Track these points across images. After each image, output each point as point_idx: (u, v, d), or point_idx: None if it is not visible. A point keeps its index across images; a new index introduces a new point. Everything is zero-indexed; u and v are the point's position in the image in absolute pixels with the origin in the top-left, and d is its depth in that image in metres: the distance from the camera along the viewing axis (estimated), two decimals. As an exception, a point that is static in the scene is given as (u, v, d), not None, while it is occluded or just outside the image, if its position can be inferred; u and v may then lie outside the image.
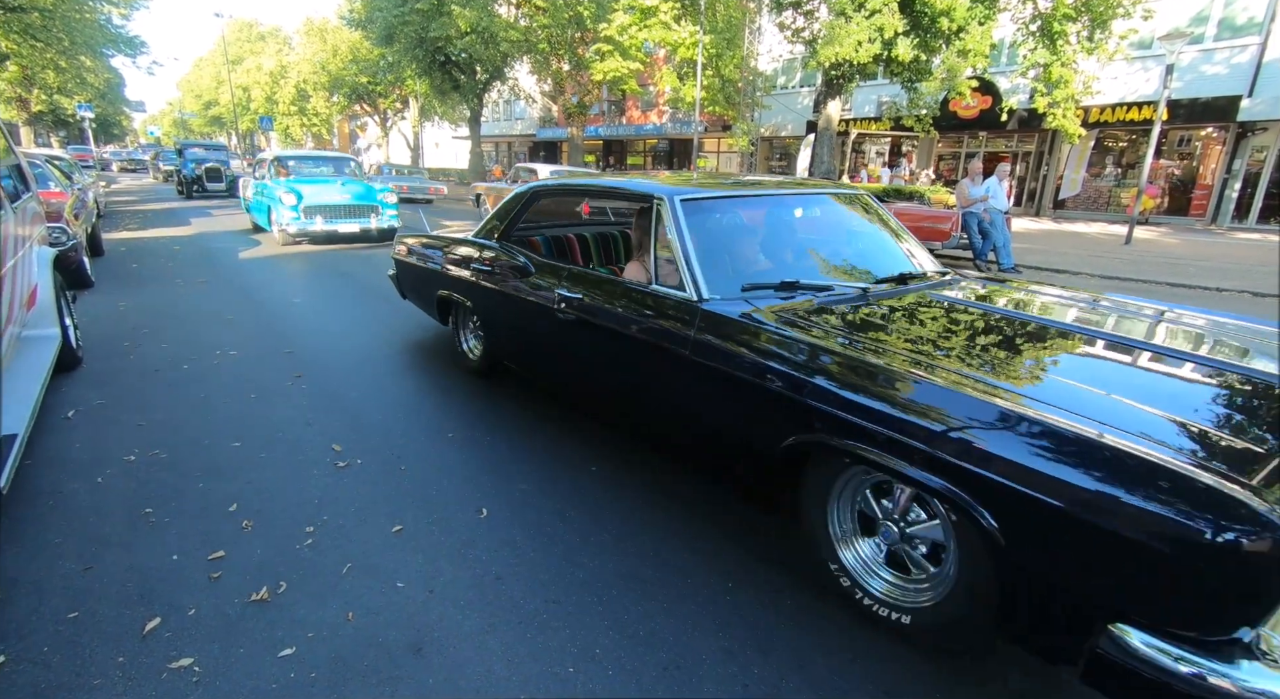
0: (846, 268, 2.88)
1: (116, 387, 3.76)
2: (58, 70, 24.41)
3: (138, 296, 6.13)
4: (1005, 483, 1.43)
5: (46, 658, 1.73)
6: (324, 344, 4.75)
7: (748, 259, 2.71)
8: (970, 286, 2.78)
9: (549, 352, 3.23)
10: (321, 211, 9.33)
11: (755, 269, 2.64)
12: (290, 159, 10.72)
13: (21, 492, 2.54)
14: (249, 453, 2.97)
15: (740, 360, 2.06)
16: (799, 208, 3.07)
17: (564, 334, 2.93)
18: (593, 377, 2.94)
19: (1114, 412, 1.51)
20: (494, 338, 3.69)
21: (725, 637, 1.88)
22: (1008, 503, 1.44)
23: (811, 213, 3.08)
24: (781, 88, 24.09)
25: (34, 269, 3.77)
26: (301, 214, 9.13)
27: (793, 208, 3.06)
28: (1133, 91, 16.67)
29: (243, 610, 1.94)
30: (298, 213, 9.11)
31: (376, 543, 2.30)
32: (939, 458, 1.55)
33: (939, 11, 12.13)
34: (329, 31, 35.67)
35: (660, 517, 2.50)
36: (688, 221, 2.47)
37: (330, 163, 11.02)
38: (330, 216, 9.42)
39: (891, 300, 2.46)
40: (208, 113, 55.71)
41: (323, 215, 9.32)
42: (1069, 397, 1.59)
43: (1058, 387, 1.74)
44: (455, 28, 20.31)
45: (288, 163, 10.55)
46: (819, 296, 2.37)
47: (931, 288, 2.65)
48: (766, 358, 2.00)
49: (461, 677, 1.71)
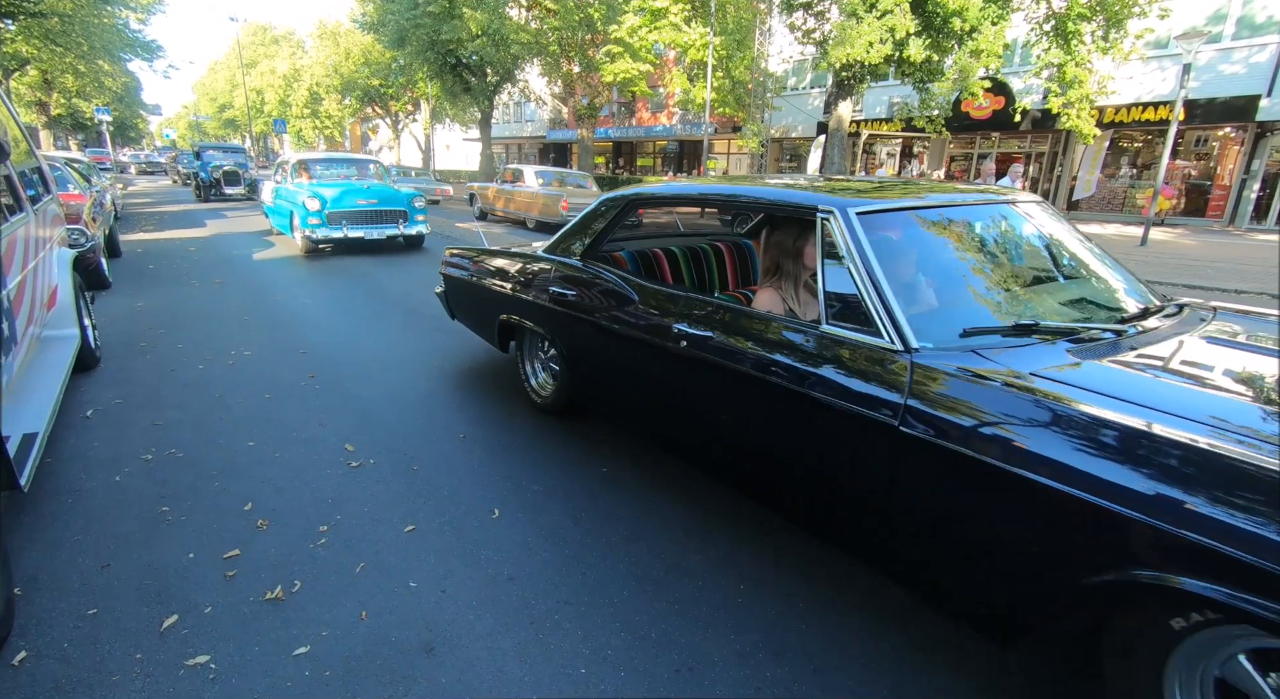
0: (1073, 300, 2.16)
1: (134, 386, 3.81)
2: (76, 74, 24.82)
3: (154, 297, 6.20)
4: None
5: (67, 654, 1.75)
6: (336, 345, 4.79)
7: (951, 291, 2.03)
8: (1228, 323, 2.08)
9: (661, 399, 2.57)
10: (347, 217, 8.76)
11: (962, 305, 1.97)
12: (313, 161, 10.13)
13: (43, 489, 2.58)
14: (263, 452, 3.00)
15: (1003, 447, 1.44)
16: (993, 219, 2.37)
17: (686, 380, 2.36)
18: (730, 438, 2.27)
19: None
20: (577, 374, 3.08)
21: (738, 639, 1.87)
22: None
23: (1005, 225, 2.40)
24: (792, 89, 24.04)
25: (54, 270, 3.83)
26: (326, 220, 8.58)
27: (987, 219, 2.37)
28: (1149, 91, 16.48)
29: (258, 609, 1.95)
30: (322, 218, 8.55)
31: (389, 542, 2.31)
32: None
33: (951, 12, 12.07)
34: (341, 35, 35.98)
35: (672, 519, 2.50)
36: (871, 242, 1.88)
37: (354, 165, 10.50)
38: (356, 222, 8.84)
39: (1161, 346, 1.80)
40: (222, 116, 56.37)
41: (348, 221, 8.76)
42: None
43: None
44: (466, 30, 20.43)
45: (311, 165, 9.97)
46: (1065, 344, 1.74)
47: (1189, 326, 1.99)
48: (1057, 449, 1.37)
49: (474, 677, 1.72)
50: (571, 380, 3.16)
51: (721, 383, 2.20)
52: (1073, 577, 1.34)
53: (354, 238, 8.81)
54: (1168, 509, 1.21)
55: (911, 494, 1.66)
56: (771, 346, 2.03)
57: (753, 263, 3.44)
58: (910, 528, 1.69)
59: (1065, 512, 1.34)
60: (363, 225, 8.90)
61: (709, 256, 3.29)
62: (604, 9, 19.52)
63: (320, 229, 8.56)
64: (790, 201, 2.19)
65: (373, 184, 9.57)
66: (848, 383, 1.78)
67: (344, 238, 8.72)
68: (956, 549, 1.61)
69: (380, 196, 9.12)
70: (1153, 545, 1.22)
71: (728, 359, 2.14)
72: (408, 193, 9.53)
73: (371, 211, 9.02)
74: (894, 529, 1.74)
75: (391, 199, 9.22)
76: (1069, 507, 1.32)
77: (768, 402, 2.03)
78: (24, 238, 3.17)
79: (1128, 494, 1.25)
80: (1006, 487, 1.43)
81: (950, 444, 1.53)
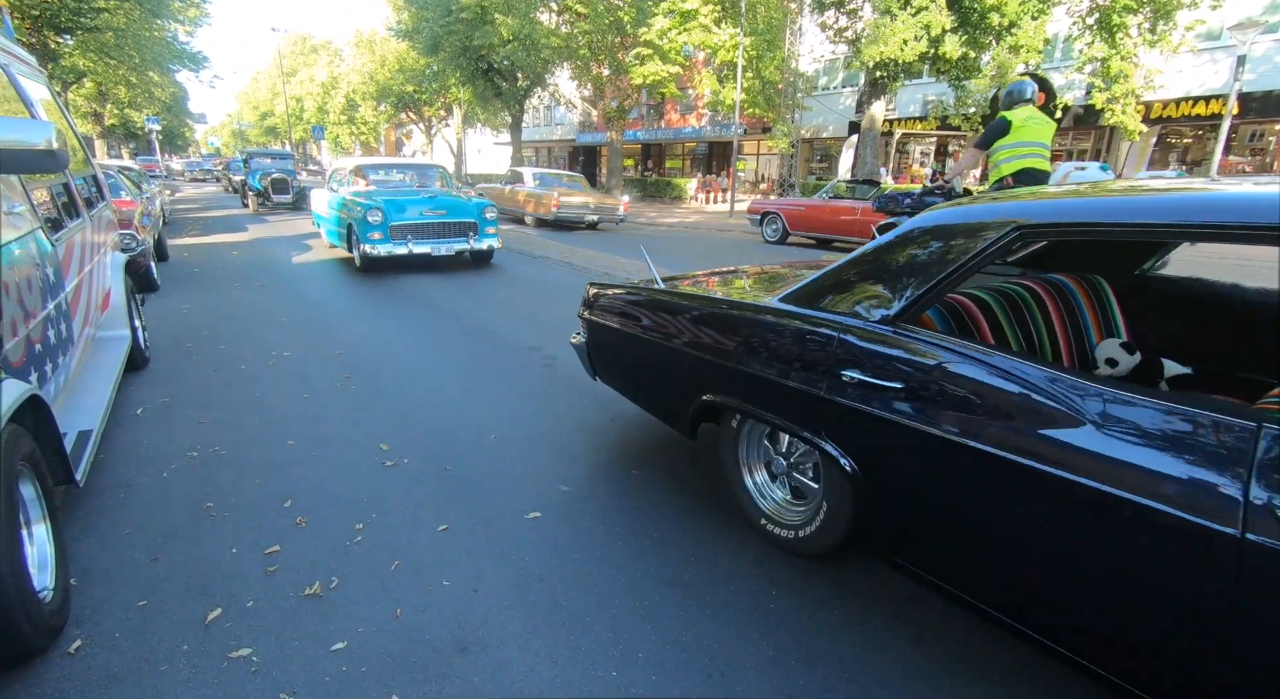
0: None
1: (180, 385, 3.95)
2: (128, 86, 25.95)
3: (199, 299, 6.43)
4: None
5: (118, 643, 1.82)
6: (370, 346, 4.89)
7: None
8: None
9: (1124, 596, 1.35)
10: (411, 230, 7.79)
11: None
12: (371, 167, 9.25)
13: (96, 484, 2.69)
14: (302, 451, 3.07)
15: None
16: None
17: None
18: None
19: None
20: (895, 513, 1.86)
21: (770, 645, 1.85)
22: None
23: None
24: (823, 88, 23.77)
25: (108, 273, 3.99)
26: (388, 233, 7.61)
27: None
28: (1200, 85, 15.84)
29: (297, 604, 2.00)
30: (384, 232, 7.57)
31: (423, 541, 2.34)
32: None
33: (989, 7, 11.79)
34: (378, 43, 36.85)
35: (702, 522, 2.49)
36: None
37: (415, 171, 9.57)
38: (421, 236, 7.86)
39: None
40: (263, 123, 58.25)
41: (413, 234, 7.79)
42: None
43: None
44: (498, 36, 20.72)
45: (368, 172, 9.08)
46: None
47: None
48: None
49: (506, 677, 1.73)
50: (878, 521, 1.91)
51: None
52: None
53: (419, 254, 7.84)
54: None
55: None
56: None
57: (1080, 309, 2.31)
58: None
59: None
60: (428, 239, 7.93)
61: (1028, 303, 2.15)
62: (633, 12, 19.57)
63: (382, 244, 7.59)
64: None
65: (438, 193, 8.60)
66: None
67: (408, 254, 7.75)
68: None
69: (448, 207, 8.10)
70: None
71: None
72: (478, 202, 8.46)
73: (438, 224, 8.03)
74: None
75: (460, 209, 8.20)
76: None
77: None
78: (81, 242, 3.31)
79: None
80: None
81: None
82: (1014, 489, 1.49)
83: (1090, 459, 1.34)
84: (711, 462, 2.84)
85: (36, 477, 1.90)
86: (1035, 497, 1.44)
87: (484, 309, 6.16)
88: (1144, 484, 1.26)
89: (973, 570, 1.68)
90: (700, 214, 20.83)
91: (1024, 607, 1.55)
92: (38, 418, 1.97)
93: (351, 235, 8.03)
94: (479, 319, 5.75)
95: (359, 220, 7.62)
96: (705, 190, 26.77)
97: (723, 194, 25.35)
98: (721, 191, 25.73)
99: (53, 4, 16.15)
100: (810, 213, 11.94)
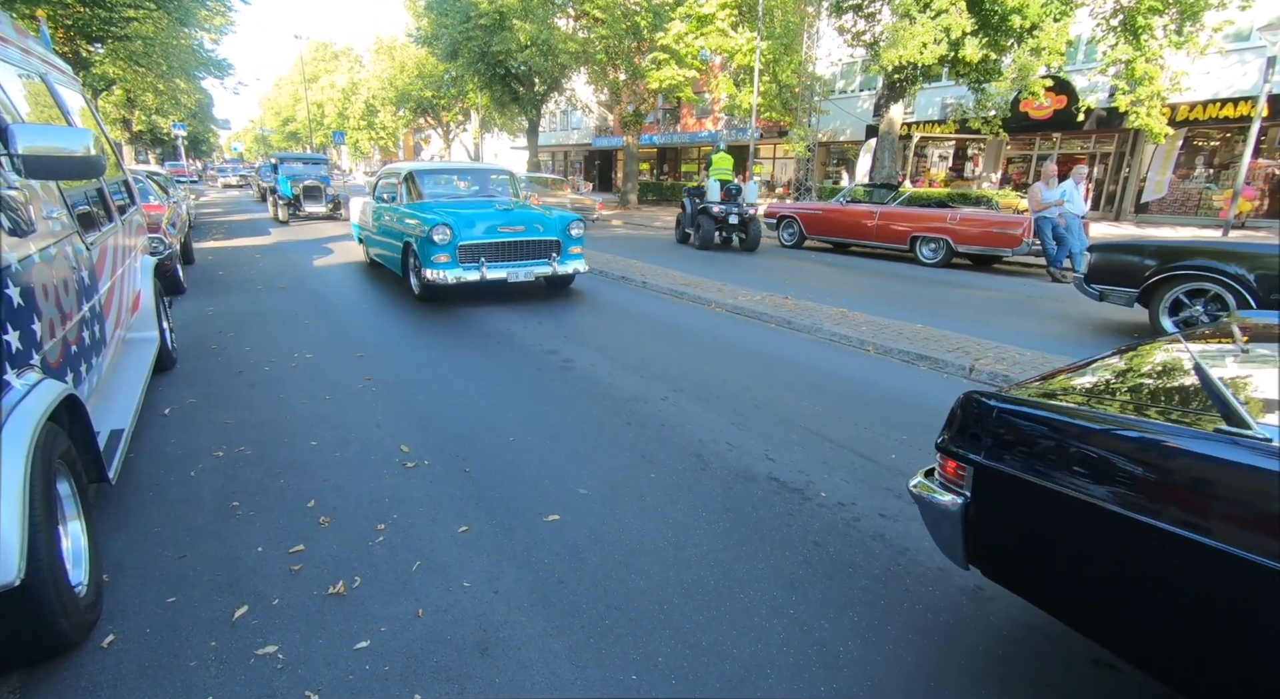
0: None
1: (206, 386, 4.02)
2: (156, 92, 26.55)
3: (224, 302, 6.55)
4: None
5: (149, 639, 1.86)
6: (390, 348, 4.95)
7: None
8: None
9: None
10: (485, 251, 6.27)
11: None
12: (429, 173, 7.65)
13: (126, 483, 2.75)
14: (325, 452, 3.12)
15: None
16: None
17: None
18: None
19: None
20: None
21: (790, 651, 1.84)
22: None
23: None
24: (840, 92, 23.65)
25: (138, 276, 4.09)
26: (457, 256, 6.11)
27: None
28: (1228, 87, 15.53)
29: (321, 602, 2.03)
30: (452, 254, 6.08)
31: (443, 542, 2.37)
32: None
33: (1010, 9, 11.67)
34: (397, 49, 37.38)
35: (721, 526, 2.48)
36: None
37: (479, 177, 7.98)
38: (497, 258, 6.35)
39: None
40: (285, 129, 59.25)
41: (487, 257, 6.28)
42: None
43: None
44: (516, 41, 20.89)
45: (424, 179, 7.44)
46: None
47: None
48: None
49: (526, 678, 1.74)
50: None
51: None
52: None
53: (496, 279, 6.28)
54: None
55: None
56: None
57: None
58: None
59: None
60: (505, 263, 6.39)
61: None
62: (650, 17, 19.65)
63: (449, 269, 6.09)
64: None
65: (513, 204, 7.06)
66: None
67: (481, 281, 6.19)
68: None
69: (526, 221, 6.52)
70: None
71: None
72: (561, 215, 6.88)
73: (517, 243, 6.45)
74: None
75: (542, 225, 6.59)
76: None
77: None
78: (113, 246, 3.39)
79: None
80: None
81: None
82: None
83: None
84: (719, 465, 2.83)
85: (72, 474, 1.95)
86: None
87: (501, 309, 6.20)
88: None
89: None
90: (716, 218, 20.78)
91: None
92: (73, 417, 2.03)
93: (409, 256, 6.65)
94: (495, 321, 5.79)
95: (421, 239, 6.11)
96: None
97: (739, 198, 25.27)
98: (737, 195, 25.65)
99: (85, 14, 16.59)
100: (828, 217, 11.88)
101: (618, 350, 4.90)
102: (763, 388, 4.09)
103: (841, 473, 2.94)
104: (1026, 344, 5.02)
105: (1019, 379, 4.06)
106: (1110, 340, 5.33)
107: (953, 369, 4.45)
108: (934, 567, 2.23)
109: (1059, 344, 5.18)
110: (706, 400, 3.85)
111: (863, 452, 3.16)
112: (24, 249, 1.97)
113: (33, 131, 2.01)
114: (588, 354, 4.78)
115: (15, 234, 1.92)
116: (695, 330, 5.66)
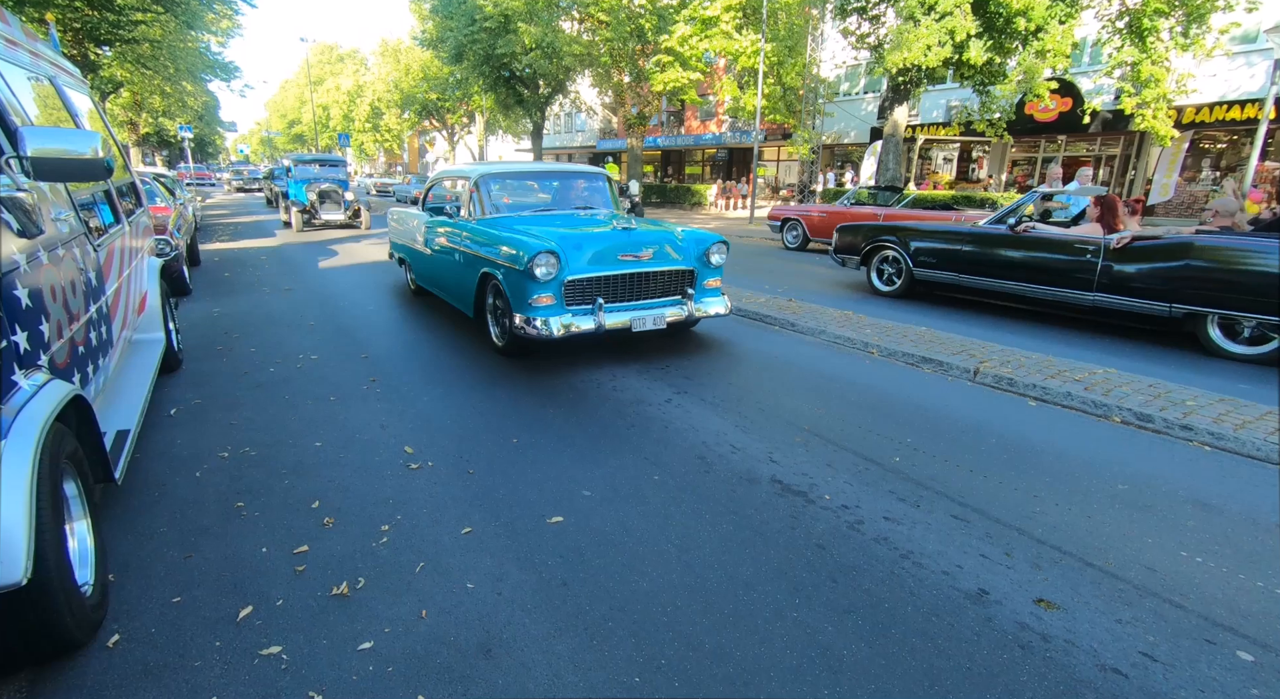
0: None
1: (211, 387, 4.04)
2: (163, 95, 26.69)
3: (230, 304, 6.58)
4: None
5: (154, 638, 1.87)
6: (394, 350, 4.96)
7: None
8: None
9: None
10: (600, 287, 4.42)
11: None
12: (508, 178, 5.56)
13: (132, 483, 2.77)
14: (329, 453, 3.13)
15: None
16: None
17: None
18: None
19: None
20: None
21: (793, 654, 1.84)
22: None
23: None
24: (844, 94, 23.65)
25: (144, 278, 4.11)
26: (563, 294, 4.28)
27: None
28: (1235, 89, 15.47)
29: (325, 603, 2.03)
30: (557, 293, 4.27)
31: (447, 543, 2.37)
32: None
33: (1015, 11, 11.66)
34: (402, 52, 37.57)
35: (724, 529, 2.48)
36: None
37: (567, 181, 5.86)
38: (617, 296, 4.50)
39: None
40: (290, 131, 59.52)
41: (604, 295, 4.43)
42: None
43: None
44: (521, 44, 20.98)
45: (496, 184, 5.37)
46: None
47: None
48: None
49: (530, 680, 1.74)
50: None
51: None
52: None
53: (618, 326, 4.38)
54: None
55: None
56: None
57: None
58: None
59: None
60: (628, 305, 4.53)
61: None
62: (655, 19, 19.70)
63: (557, 315, 4.27)
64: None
65: (628, 222, 4.84)
66: None
67: (597, 329, 4.31)
68: None
69: (652, 242, 4.59)
70: None
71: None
72: (694, 233, 4.85)
73: (642, 275, 4.56)
74: None
75: (671, 248, 4.67)
76: None
77: None
78: (120, 248, 3.41)
79: None
80: None
81: None
82: None
83: None
84: (724, 467, 2.83)
85: (78, 475, 1.96)
86: None
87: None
88: None
89: None
90: (720, 220, 20.80)
91: None
92: (80, 418, 2.04)
93: (486, 293, 4.85)
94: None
95: (515, 273, 4.23)
96: (725, 197, 26.76)
97: (743, 200, 25.31)
98: (741, 198, 25.69)
99: (94, 17, 16.71)
100: (832, 219, 11.86)
101: (621, 351, 4.91)
102: (766, 391, 4.08)
103: (845, 475, 2.93)
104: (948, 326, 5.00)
105: (1023, 381, 4.06)
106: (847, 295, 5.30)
107: (957, 372, 4.43)
108: (937, 570, 2.23)
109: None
110: (710, 403, 3.84)
111: (867, 454, 3.15)
112: (32, 251, 1.99)
113: (42, 134, 2.03)
114: (591, 355, 4.78)
115: (24, 236, 1.94)
116: (698, 331, 5.66)
